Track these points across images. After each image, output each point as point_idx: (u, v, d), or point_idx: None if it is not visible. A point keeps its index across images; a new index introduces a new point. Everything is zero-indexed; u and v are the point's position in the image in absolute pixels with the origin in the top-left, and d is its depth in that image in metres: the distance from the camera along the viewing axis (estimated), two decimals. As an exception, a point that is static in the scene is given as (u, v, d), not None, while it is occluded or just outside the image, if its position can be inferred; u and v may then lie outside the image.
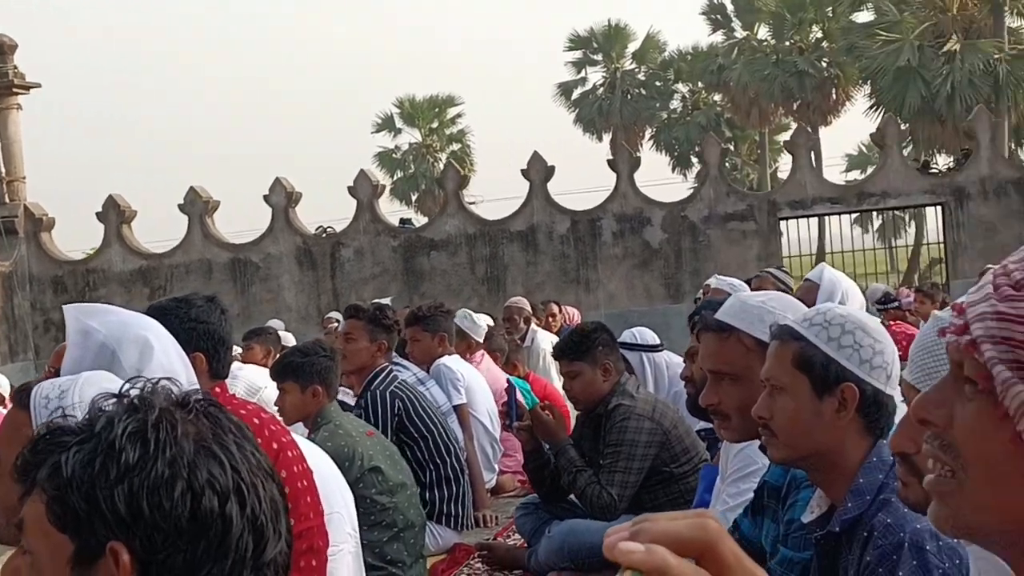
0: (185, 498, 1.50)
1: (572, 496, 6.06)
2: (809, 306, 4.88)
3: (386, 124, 47.39)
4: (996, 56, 26.90)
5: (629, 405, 5.83)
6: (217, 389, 4.07)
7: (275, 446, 4.05)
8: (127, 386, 1.66)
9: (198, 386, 3.15)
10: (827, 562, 2.76)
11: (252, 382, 7.47)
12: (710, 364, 3.65)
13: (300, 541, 3.96)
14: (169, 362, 2.96)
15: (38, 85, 21.10)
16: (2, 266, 19.08)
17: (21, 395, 2.59)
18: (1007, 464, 1.26)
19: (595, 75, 46.64)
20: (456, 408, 7.98)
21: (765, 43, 40.32)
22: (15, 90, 20.29)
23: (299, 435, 4.78)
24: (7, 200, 19.60)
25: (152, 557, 1.50)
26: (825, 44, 38.90)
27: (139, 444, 1.52)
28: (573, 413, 6.86)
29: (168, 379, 1.70)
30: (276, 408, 5.98)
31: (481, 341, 9.53)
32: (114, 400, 1.61)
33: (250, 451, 1.63)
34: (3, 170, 19.94)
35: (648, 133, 46.56)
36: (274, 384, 6.37)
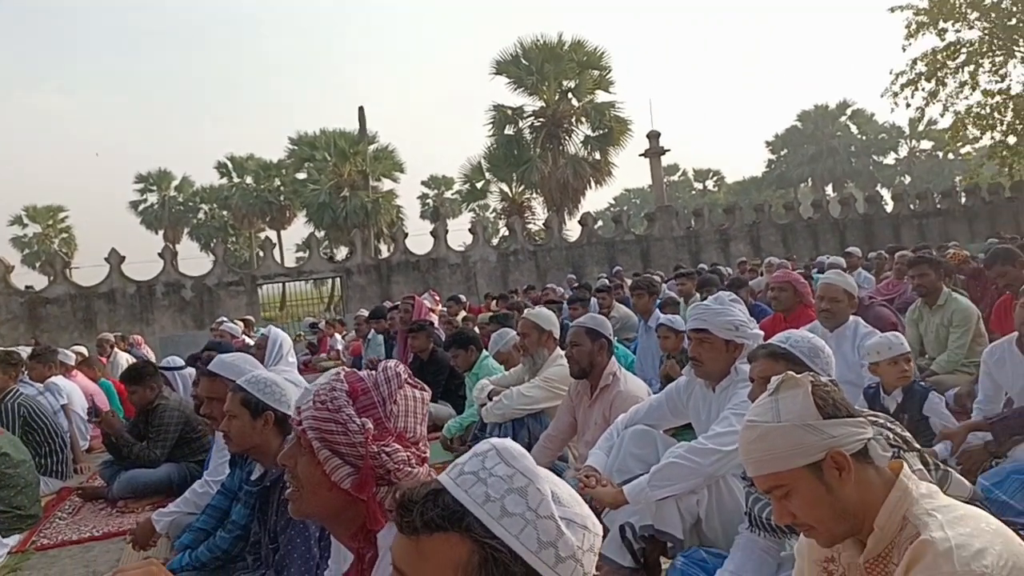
0: None
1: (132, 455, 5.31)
2: (264, 354, 4.94)
3: (16, 220, 41.95)
4: (366, 199, 27.51)
5: (165, 403, 5.31)
6: None
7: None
8: None
9: None
10: (263, 498, 2.67)
11: None
12: (204, 392, 3.36)
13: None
14: None
15: None
16: None
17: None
18: (319, 484, 1.38)
19: (153, 197, 41.86)
20: (63, 407, 6.86)
21: (251, 185, 38.25)
22: None
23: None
24: None
25: None
26: (282, 187, 37.07)
27: None
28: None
29: None
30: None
31: (72, 365, 7.96)
32: None
33: None
34: None
35: (186, 231, 42.41)
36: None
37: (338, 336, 13.43)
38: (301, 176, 32.51)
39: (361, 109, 28.23)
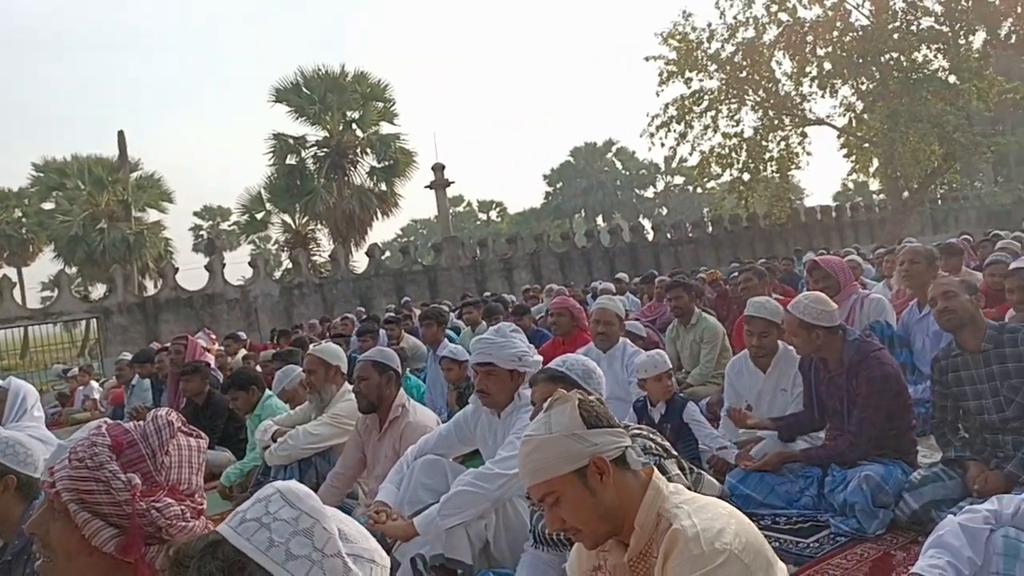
0: None
1: None
2: (3, 409, 3.79)
3: None
4: (127, 232, 24.84)
5: None
6: None
7: None
8: None
9: None
10: (4, 575, 2.11)
11: None
12: None
13: None
14: None
15: None
16: None
17: None
18: (77, 551, 1.28)
19: None
20: None
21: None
22: None
23: None
24: None
25: None
26: (24, 219, 32.74)
27: None
28: None
29: None
30: None
31: None
32: None
33: None
34: None
35: None
36: None
37: (94, 384, 12.06)
38: (48, 206, 28.95)
39: (121, 133, 25.82)
